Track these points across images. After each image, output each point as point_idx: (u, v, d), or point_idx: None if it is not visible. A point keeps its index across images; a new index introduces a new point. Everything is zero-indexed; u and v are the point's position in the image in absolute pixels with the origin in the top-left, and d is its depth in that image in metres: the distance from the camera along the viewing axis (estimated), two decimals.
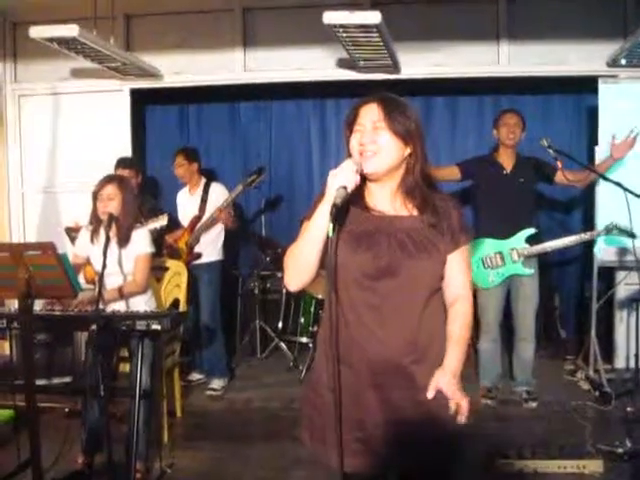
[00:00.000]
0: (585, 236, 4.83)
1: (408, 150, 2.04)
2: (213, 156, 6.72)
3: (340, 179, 1.93)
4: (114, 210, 3.72)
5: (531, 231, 4.72)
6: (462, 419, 2.02)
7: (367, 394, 2.02)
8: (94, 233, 3.85)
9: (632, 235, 4.34)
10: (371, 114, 2.01)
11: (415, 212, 2.06)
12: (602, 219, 5.12)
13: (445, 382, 2.02)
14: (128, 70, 5.55)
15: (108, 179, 3.84)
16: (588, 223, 5.85)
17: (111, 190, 3.75)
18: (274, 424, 4.62)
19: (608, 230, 4.67)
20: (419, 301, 2.02)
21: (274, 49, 5.72)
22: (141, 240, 3.87)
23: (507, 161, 4.80)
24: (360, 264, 1.98)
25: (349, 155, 2.07)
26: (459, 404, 2.02)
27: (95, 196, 3.79)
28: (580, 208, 6.34)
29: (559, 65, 5.46)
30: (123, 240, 3.81)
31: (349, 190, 1.93)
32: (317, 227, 1.96)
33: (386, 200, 2.08)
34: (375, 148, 1.99)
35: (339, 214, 1.90)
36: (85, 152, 5.89)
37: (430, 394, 2.01)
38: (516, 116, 4.81)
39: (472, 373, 4.90)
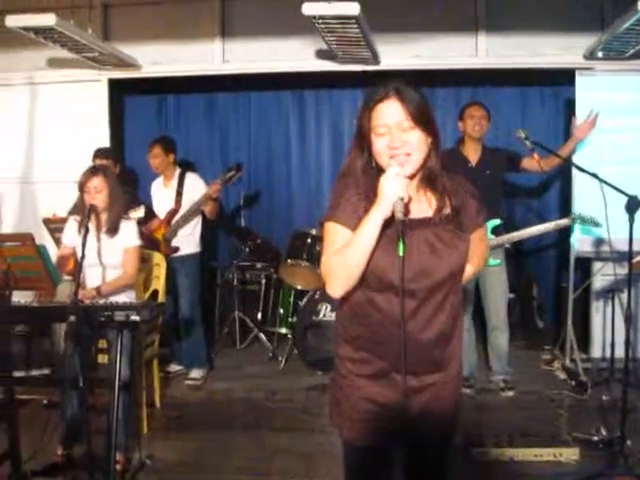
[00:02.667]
0: (550, 226, 4.85)
1: (430, 139, 2.02)
2: (191, 147, 6.71)
3: (396, 188, 1.90)
4: (102, 201, 3.74)
5: (496, 222, 4.72)
6: None
7: (398, 377, 2.06)
8: (81, 224, 3.83)
9: (597, 224, 4.40)
10: (395, 114, 1.96)
11: (434, 202, 2.07)
12: (579, 209, 5.18)
13: None
14: (106, 60, 5.51)
15: (94, 170, 3.83)
16: (564, 213, 5.91)
17: (97, 182, 3.75)
18: (254, 414, 4.63)
19: (572, 220, 4.71)
20: (449, 294, 2.07)
21: (253, 40, 5.70)
22: (130, 232, 3.88)
23: (472, 154, 4.84)
24: (395, 269, 1.95)
25: (361, 140, 2.04)
26: None
27: (82, 188, 3.77)
28: (557, 198, 6.40)
29: (536, 57, 5.49)
30: (111, 231, 3.81)
31: (405, 200, 1.91)
32: (368, 236, 1.94)
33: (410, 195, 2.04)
34: (408, 149, 1.96)
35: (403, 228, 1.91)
36: (63, 143, 5.85)
37: None
38: (481, 109, 4.85)
39: None
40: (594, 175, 3.68)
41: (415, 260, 1.99)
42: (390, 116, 1.96)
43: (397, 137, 1.96)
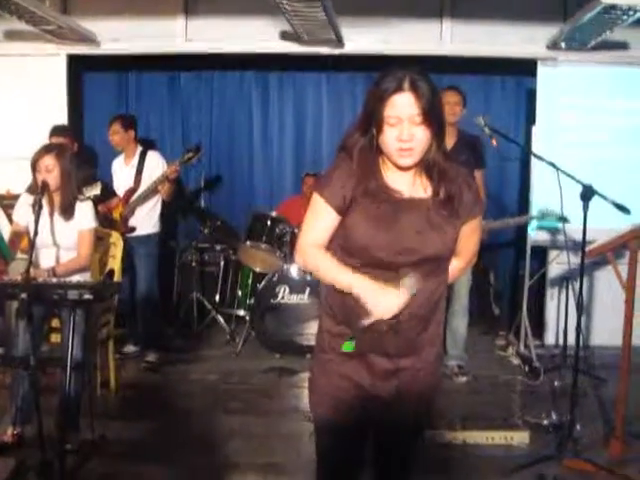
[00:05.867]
0: (520, 219, 4.95)
1: (435, 131, 2.04)
2: (152, 126, 6.64)
3: (396, 306, 1.97)
4: (53, 181, 3.64)
5: None
6: None
7: (374, 359, 2.10)
8: (35, 203, 3.74)
9: (564, 220, 4.47)
10: (407, 107, 1.97)
11: (429, 189, 2.09)
12: (537, 200, 5.26)
13: None
14: (65, 34, 5.39)
15: (46, 149, 3.73)
16: (523, 204, 5.99)
17: (49, 161, 3.65)
18: (210, 397, 4.61)
19: (542, 215, 4.79)
20: (432, 276, 2.08)
21: (216, 19, 5.63)
22: (85, 214, 3.80)
23: (448, 139, 4.81)
24: (380, 246, 2.02)
25: (367, 122, 2.03)
26: None
27: (34, 167, 3.68)
28: (515, 189, 6.48)
29: (499, 46, 5.53)
30: (66, 212, 3.73)
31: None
32: (347, 289, 2.03)
33: (405, 177, 2.09)
34: (413, 144, 1.99)
35: None
36: (19, 118, 5.71)
37: None
38: (457, 94, 4.89)
39: None
40: (551, 164, 3.72)
41: (402, 239, 2.02)
42: (403, 109, 1.97)
43: (407, 130, 1.97)
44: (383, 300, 1.97)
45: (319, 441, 2.27)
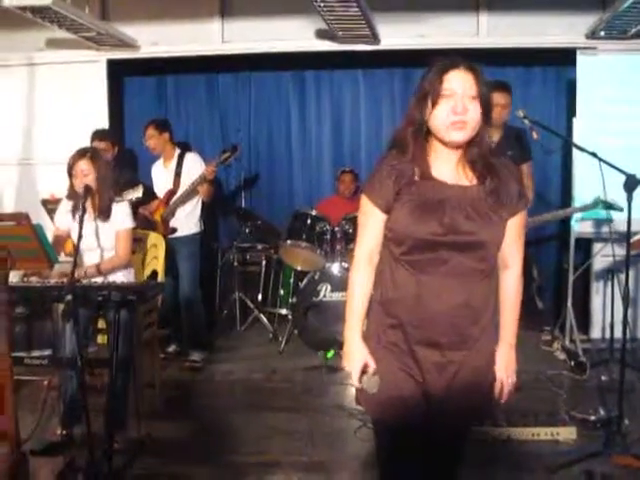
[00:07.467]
0: (570, 210, 4.85)
1: (484, 119, 2.06)
2: (192, 128, 6.71)
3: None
4: (90, 185, 3.70)
5: None
6: (499, 398, 2.22)
7: (425, 352, 2.10)
8: (74, 208, 3.82)
9: (619, 209, 4.35)
10: (465, 82, 2.01)
11: (475, 181, 2.09)
12: (580, 192, 5.17)
13: (504, 359, 2.26)
14: (104, 40, 5.49)
15: (80, 154, 3.78)
16: (566, 197, 5.89)
17: (84, 165, 3.72)
18: (254, 395, 4.64)
19: (595, 204, 4.68)
20: (479, 267, 2.08)
21: (252, 19, 5.69)
22: (122, 214, 3.86)
23: (494, 134, 4.75)
24: (425, 232, 2.03)
25: (421, 103, 2.05)
26: (502, 384, 2.23)
27: (70, 172, 3.76)
28: (558, 182, 6.37)
29: (538, 37, 5.46)
30: (104, 214, 3.80)
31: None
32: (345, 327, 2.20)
33: (449, 167, 2.10)
34: (466, 118, 2.00)
35: None
36: (62, 123, 5.84)
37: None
38: (507, 95, 4.73)
39: None
40: (593, 154, 3.65)
41: (447, 225, 2.02)
42: (459, 83, 2.01)
43: (461, 103, 2.00)
44: (347, 357, 2.16)
45: (377, 437, 2.28)
